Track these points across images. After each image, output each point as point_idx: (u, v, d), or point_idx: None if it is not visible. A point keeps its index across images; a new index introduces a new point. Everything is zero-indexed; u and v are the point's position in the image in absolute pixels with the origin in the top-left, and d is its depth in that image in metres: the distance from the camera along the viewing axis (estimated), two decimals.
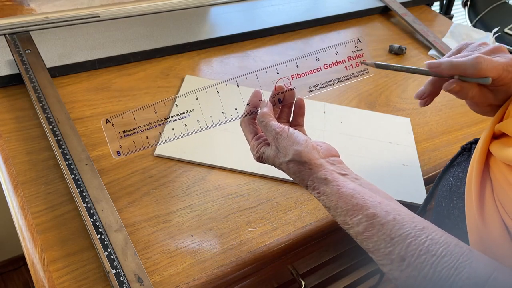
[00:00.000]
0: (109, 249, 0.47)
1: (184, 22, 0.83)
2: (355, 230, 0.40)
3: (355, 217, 0.40)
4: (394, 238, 0.38)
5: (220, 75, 0.76)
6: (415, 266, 0.36)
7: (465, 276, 0.34)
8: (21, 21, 0.74)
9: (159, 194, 0.56)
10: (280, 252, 0.53)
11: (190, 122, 0.48)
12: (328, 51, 0.47)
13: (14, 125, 0.61)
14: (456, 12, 1.73)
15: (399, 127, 0.72)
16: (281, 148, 0.44)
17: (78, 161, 0.54)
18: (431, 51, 0.92)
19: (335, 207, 0.42)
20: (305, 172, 0.43)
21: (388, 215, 0.39)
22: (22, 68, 0.65)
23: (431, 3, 1.12)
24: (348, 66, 0.48)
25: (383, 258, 0.39)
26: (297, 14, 0.92)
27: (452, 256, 0.36)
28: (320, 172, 0.43)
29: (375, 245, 0.39)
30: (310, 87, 0.48)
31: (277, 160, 0.45)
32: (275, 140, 0.44)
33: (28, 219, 0.50)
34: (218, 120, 0.48)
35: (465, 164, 0.49)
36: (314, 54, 0.48)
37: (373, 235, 0.39)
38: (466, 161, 0.50)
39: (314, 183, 0.43)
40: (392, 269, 0.38)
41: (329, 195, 0.42)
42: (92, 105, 0.66)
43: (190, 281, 0.48)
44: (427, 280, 0.36)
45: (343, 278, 0.91)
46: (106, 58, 0.72)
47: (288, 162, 0.44)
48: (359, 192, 0.41)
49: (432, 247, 0.36)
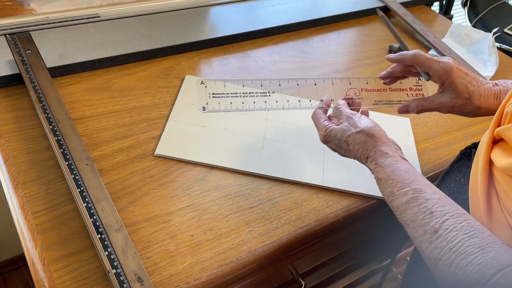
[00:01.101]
0: (109, 249, 0.47)
1: (184, 22, 0.83)
2: (399, 201, 0.44)
3: (403, 189, 0.43)
4: (433, 212, 0.40)
5: (220, 75, 0.76)
6: (444, 238, 0.38)
7: (489, 256, 0.36)
8: (21, 21, 0.74)
9: (159, 194, 0.56)
10: (280, 252, 0.53)
11: (269, 100, 0.58)
12: (394, 83, 0.60)
13: (15, 125, 0.61)
14: (456, 12, 1.73)
15: (399, 127, 0.72)
16: (352, 123, 0.50)
17: (78, 161, 0.54)
18: (430, 51, 0.92)
19: (386, 179, 0.46)
20: (370, 144, 0.48)
21: (434, 194, 0.42)
22: (23, 68, 0.65)
23: (431, 3, 1.12)
24: (409, 94, 0.60)
25: (417, 230, 0.41)
26: (297, 14, 0.92)
27: (483, 239, 0.37)
28: (383, 147, 0.48)
29: (413, 217, 0.42)
30: (375, 101, 0.60)
31: (345, 134, 0.50)
32: (348, 119, 0.51)
33: (28, 219, 0.50)
34: (293, 105, 0.58)
35: (465, 169, 0.50)
36: (382, 79, 0.60)
37: (414, 207, 0.42)
38: (466, 166, 0.51)
39: (375, 154, 0.48)
40: (422, 241, 0.40)
41: (386, 167, 0.46)
42: (92, 105, 0.66)
43: (190, 281, 0.48)
44: (451, 252, 0.37)
45: (343, 278, 0.91)
46: (106, 58, 0.72)
47: (357, 132, 0.49)
48: (413, 171, 0.45)
49: (467, 228, 0.38)
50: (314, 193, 0.60)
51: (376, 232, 0.81)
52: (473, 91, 0.52)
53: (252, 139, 0.65)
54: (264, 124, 0.68)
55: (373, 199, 0.60)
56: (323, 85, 0.60)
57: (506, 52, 1.19)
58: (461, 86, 0.52)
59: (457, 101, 0.53)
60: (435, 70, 0.54)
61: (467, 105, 0.53)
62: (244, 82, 0.58)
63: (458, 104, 0.53)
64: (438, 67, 0.53)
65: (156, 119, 0.65)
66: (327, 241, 0.66)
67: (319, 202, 0.59)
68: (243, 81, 0.58)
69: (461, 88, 0.53)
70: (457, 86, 0.53)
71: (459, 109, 0.54)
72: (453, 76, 0.52)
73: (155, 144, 0.61)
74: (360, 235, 0.76)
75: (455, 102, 0.53)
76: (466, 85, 0.52)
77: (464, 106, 0.53)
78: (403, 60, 0.56)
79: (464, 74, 0.53)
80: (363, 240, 0.80)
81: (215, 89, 0.57)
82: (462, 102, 0.53)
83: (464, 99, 0.53)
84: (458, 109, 0.54)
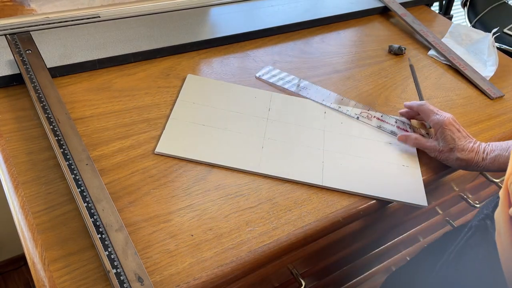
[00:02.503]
0: (110, 248, 0.47)
1: (184, 22, 0.83)
2: None
3: None
4: None
5: (220, 75, 0.76)
6: None
7: None
8: (21, 21, 0.74)
9: (159, 194, 0.56)
10: (280, 252, 0.54)
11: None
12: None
13: (15, 125, 0.61)
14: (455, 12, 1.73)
15: None
16: None
17: (79, 161, 0.55)
18: (430, 51, 0.92)
19: None
20: None
21: None
22: (23, 68, 0.65)
23: (431, 4, 1.12)
24: (417, 131, 0.71)
25: None
26: (297, 14, 0.92)
27: None
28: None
29: None
30: None
31: None
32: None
33: (28, 218, 0.50)
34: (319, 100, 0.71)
35: (484, 244, 0.51)
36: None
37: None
38: (483, 241, 0.51)
39: None
40: None
41: None
42: (92, 105, 0.66)
43: (190, 281, 0.48)
44: None
45: (343, 278, 0.91)
46: (106, 58, 0.72)
47: None
48: None
49: None
50: (314, 193, 0.60)
51: (376, 232, 0.82)
52: (458, 144, 0.62)
53: (252, 139, 0.65)
54: (264, 123, 0.68)
55: (373, 199, 0.60)
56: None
57: (506, 52, 1.19)
58: (448, 137, 0.63)
59: (443, 149, 0.63)
60: (432, 119, 0.65)
61: (450, 155, 0.63)
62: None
63: (444, 151, 0.63)
64: (435, 117, 0.65)
65: (156, 119, 0.65)
66: (327, 241, 0.66)
67: (319, 202, 0.59)
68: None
69: (448, 139, 0.63)
70: (446, 137, 0.63)
71: (443, 156, 0.64)
72: (444, 128, 0.63)
73: (155, 144, 0.61)
74: (360, 235, 0.76)
75: (442, 148, 0.63)
76: (454, 138, 0.62)
77: (448, 155, 0.63)
78: (411, 108, 0.70)
79: (456, 130, 0.63)
80: (363, 240, 0.81)
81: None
82: (447, 150, 0.63)
83: (449, 149, 0.63)
84: (442, 156, 0.64)
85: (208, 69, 0.77)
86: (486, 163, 0.60)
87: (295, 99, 0.74)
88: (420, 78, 0.84)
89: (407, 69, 0.86)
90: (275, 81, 0.76)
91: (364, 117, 0.72)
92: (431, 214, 0.95)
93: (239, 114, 0.68)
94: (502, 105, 0.81)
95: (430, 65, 0.89)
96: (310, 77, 0.79)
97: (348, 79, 0.81)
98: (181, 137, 0.63)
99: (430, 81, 0.84)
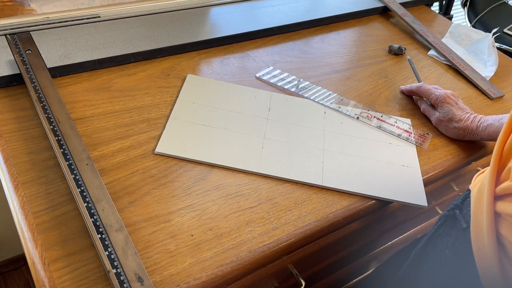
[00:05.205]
0: (110, 248, 0.47)
1: (184, 22, 0.83)
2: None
3: None
4: None
5: (220, 75, 0.76)
6: None
7: None
8: (21, 21, 0.74)
9: (160, 194, 0.56)
10: (280, 252, 0.54)
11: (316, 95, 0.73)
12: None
13: (15, 125, 0.61)
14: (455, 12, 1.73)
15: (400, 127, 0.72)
16: None
17: (79, 161, 0.55)
18: (430, 51, 0.92)
19: None
20: None
21: None
22: (23, 68, 0.65)
23: (431, 4, 1.12)
24: (413, 135, 0.72)
25: None
26: (297, 15, 0.92)
27: None
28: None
29: None
30: None
31: None
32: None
33: (28, 218, 0.51)
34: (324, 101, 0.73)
35: (455, 232, 0.51)
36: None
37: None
38: (454, 229, 0.52)
39: None
40: None
41: None
42: (92, 105, 0.66)
43: (190, 281, 0.48)
44: None
45: (343, 278, 0.91)
46: (106, 58, 0.72)
47: None
48: None
49: None
50: (314, 193, 0.60)
51: (376, 232, 0.82)
52: (455, 114, 0.70)
53: (252, 139, 0.65)
54: (264, 123, 0.68)
55: (373, 199, 0.60)
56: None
57: (505, 52, 1.19)
58: (446, 109, 0.71)
59: (443, 118, 0.71)
60: (431, 97, 0.73)
61: (449, 124, 0.70)
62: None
63: (443, 121, 0.71)
64: (434, 94, 0.72)
65: (156, 119, 0.65)
66: (327, 241, 0.66)
67: (319, 202, 0.59)
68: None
69: (446, 110, 0.71)
70: (444, 108, 0.71)
71: (444, 126, 0.71)
72: (442, 102, 0.71)
73: (155, 144, 0.61)
74: (360, 235, 0.76)
75: (442, 118, 0.71)
76: (451, 109, 0.70)
77: (447, 124, 0.71)
78: (410, 91, 0.78)
79: (454, 102, 0.71)
80: (363, 240, 0.81)
81: None
82: (446, 120, 0.70)
83: (448, 119, 0.70)
84: (443, 126, 0.71)
85: (208, 69, 0.77)
86: (479, 131, 0.67)
87: (295, 99, 0.74)
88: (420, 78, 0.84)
89: (407, 69, 0.86)
90: (275, 81, 0.76)
91: (364, 117, 0.72)
92: (431, 214, 0.95)
93: (239, 114, 0.68)
94: (502, 105, 0.81)
95: (430, 65, 0.89)
96: (310, 77, 0.79)
97: (348, 79, 0.81)
98: (181, 137, 0.63)
99: (430, 81, 0.84)
